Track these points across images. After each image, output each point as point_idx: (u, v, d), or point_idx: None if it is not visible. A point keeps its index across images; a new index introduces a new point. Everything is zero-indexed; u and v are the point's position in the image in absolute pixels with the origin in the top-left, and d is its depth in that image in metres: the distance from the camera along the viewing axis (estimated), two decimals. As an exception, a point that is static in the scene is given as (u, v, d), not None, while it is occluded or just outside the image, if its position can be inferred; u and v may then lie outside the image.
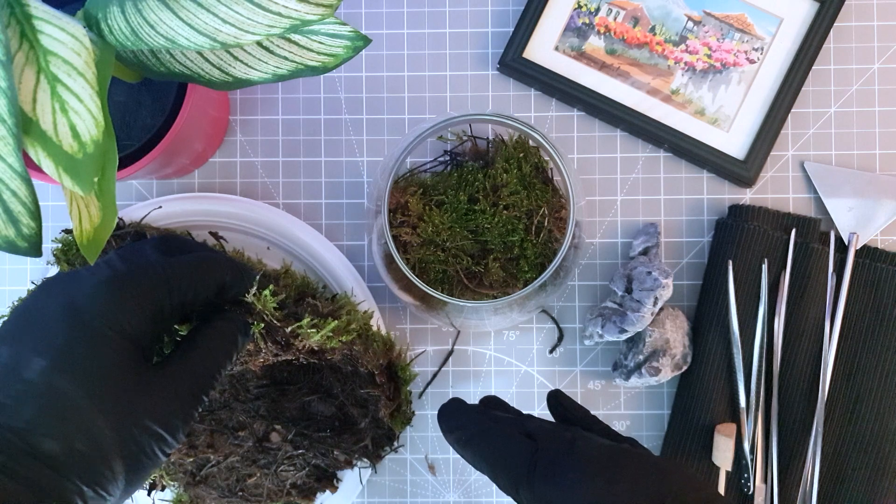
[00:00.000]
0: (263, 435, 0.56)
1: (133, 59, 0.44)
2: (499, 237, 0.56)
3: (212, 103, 0.58)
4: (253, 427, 0.56)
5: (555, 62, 0.60)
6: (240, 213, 0.59)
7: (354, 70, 0.62)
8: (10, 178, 0.37)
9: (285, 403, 0.56)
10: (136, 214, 0.57)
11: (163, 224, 0.58)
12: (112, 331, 0.38)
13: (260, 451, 0.56)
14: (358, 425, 0.56)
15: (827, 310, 0.58)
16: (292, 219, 0.59)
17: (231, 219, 0.60)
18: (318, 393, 0.56)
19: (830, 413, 0.58)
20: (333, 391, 0.56)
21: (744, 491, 0.58)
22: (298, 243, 0.59)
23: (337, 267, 0.59)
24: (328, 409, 0.56)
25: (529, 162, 0.57)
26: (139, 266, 0.41)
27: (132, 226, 0.54)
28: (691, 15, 0.60)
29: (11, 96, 0.36)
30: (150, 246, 0.44)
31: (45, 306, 0.39)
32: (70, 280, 0.40)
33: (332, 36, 0.43)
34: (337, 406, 0.56)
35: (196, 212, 0.59)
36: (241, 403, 0.56)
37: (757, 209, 0.59)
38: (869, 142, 0.61)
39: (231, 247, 0.57)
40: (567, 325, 0.61)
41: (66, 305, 0.39)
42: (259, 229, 0.60)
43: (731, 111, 0.60)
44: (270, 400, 0.56)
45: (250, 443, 0.56)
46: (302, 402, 0.56)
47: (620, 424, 0.61)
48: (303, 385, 0.56)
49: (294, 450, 0.56)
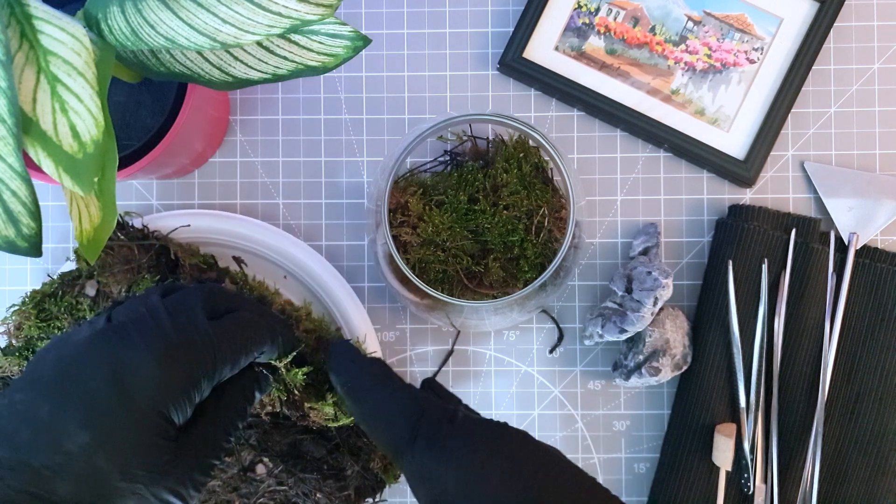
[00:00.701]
0: (249, 464, 0.55)
1: (133, 59, 0.44)
2: (499, 237, 0.56)
3: (212, 103, 0.58)
4: (240, 455, 0.55)
5: (555, 62, 0.60)
6: (262, 240, 0.59)
7: (354, 70, 0.62)
8: (10, 178, 0.37)
9: (277, 437, 0.55)
10: (161, 223, 0.57)
11: (185, 238, 0.57)
12: (155, 411, 0.38)
13: (243, 479, 0.55)
14: (345, 471, 0.55)
15: (827, 310, 0.58)
16: (313, 254, 0.59)
17: (253, 243, 0.59)
18: (312, 433, 0.55)
19: (830, 413, 0.58)
20: (329, 434, 0.55)
21: (744, 491, 0.58)
22: (316, 280, 0.59)
23: (352, 312, 0.58)
24: (319, 450, 0.55)
25: (529, 162, 0.57)
26: (190, 339, 0.40)
27: (158, 237, 0.53)
28: (691, 15, 0.60)
29: (11, 96, 0.36)
30: (199, 306, 0.42)
31: (90, 371, 0.38)
32: (119, 344, 0.39)
33: (332, 36, 0.43)
34: (328, 449, 0.55)
35: (220, 230, 0.58)
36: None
37: (757, 209, 0.59)
38: (869, 142, 0.61)
39: (251, 272, 0.56)
40: (567, 325, 0.61)
41: (114, 378, 0.38)
42: (278, 258, 0.59)
43: (731, 111, 0.60)
44: (263, 431, 0.55)
45: (235, 470, 0.55)
46: (294, 438, 0.55)
47: (620, 424, 0.61)
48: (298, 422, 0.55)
49: (277, 485, 0.55)
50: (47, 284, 0.53)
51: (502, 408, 0.61)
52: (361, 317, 0.58)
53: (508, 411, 0.61)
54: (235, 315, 0.43)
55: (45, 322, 0.52)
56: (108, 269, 0.52)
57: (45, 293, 0.53)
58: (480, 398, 0.61)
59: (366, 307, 0.61)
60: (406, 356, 0.62)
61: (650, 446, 0.61)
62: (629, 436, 0.61)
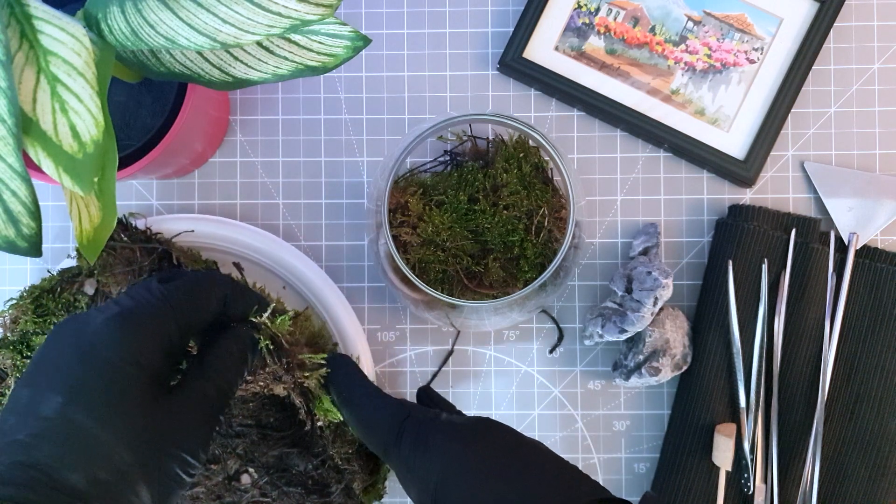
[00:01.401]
0: (234, 473, 0.55)
1: (133, 59, 0.44)
2: (499, 237, 0.56)
3: (212, 103, 0.58)
4: (227, 463, 0.55)
5: (555, 62, 0.60)
6: (263, 249, 0.59)
7: (354, 70, 0.62)
8: (10, 178, 0.37)
9: (264, 448, 0.55)
10: (165, 227, 0.57)
11: (187, 242, 0.57)
12: (124, 362, 0.39)
13: (227, 488, 0.55)
14: (329, 488, 0.55)
15: (827, 310, 0.58)
16: (314, 267, 0.59)
17: (254, 251, 0.59)
18: (300, 447, 0.55)
19: (830, 413, 0.58)
20: (315, 450, 0.55)
21: (744, 491, 0.58)
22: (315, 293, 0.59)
23: (350, 330, 0.58)
24: (305, 465, 0.55)
25: (529, 162, 0.57)
26: (143, 298, 0.41)
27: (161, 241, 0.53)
28: (691, 15, 0.60)
29: (11, 97, 0.36)
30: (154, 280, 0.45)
31: (58, 347, 0.40)
32: (80, 320, 0.40)
33: (332, 36, 0.43)
34: (314, 465, 0.55)
35: (222, 237, 0.59)
36: (221, 437, 0.55)
37: (757, 209, 0.59)
38: (869, 142, 0.61)
39: (251, 280, 0.56)
40: (567, 325, 0.61)
41: (78, 343, 0.39)
42: (278, 268, 0.59)
43: (731, 111, 0.60)
44: (250, 441, 0.55)
45: (220, 478, 0.55)
46: (282, 451, 0.55)
47: (620, 424, 0.61)
48: (287, 435, 0.55)
49: (261, 496, 0.55)
50: (46, 280, 0.53)
51: (502, 408, 0.61)
52: (358, 336, 0.58)
53: (508, 411, 0.61)
54: (186, 272, 0.46)
55: (42, 318, 0.52)
56: (108, 269, 0.52)
57: (44, 289, 0.53)
58: (480, 398, 0.61)
59: (366, 307, 0.61)
60: (406, 356, 0.62)
61: (650, 446, 0.61)
62: (629, 436, 0.61)
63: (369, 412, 0.47)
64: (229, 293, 0.45)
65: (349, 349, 0.58)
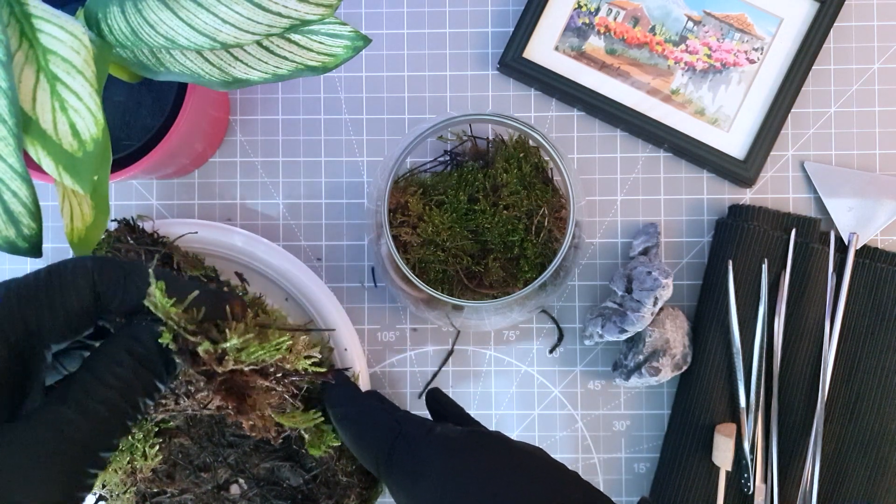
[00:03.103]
0: (224, 483, 0.55)
1: (133, 59, 0.44)
2: (499, 237, 0.56)
3: (212, 103, 0.58)
4: (217, 472, 0.54)
5: (555, 62, 0.60)
6: (266, 259, 0.58)
7: (354, 70, 0.62)
8: (11, 178, 0.37)
9: (256, 459, 0.54)
10: (171, 231, 0.56)
11: (191, 247, 0.57)
12: None
13: (216, 498, 0.55)
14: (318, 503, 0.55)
15: (827, 310, 0.58)
16: (317, 280, 0.58)
17: (256, 261, 0.59)
18: (292, 461, 0.55)
19: (830, 413, 0.58)
20: (308, 465, 0.54)
21: (744, 491, 0.58)
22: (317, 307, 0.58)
23: (350, 346, 0.58)
24: (296, 479, 0.54)
25: (529, 162, 0.57)
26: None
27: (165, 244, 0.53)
28: (691, 15, 0.60)
29: (12, 97, 0.36)
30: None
31: None
32: None
33: (332, 36, 0.43)
34: (305, 480, 0.55)
35: (226, 244, 0.58)
36: (213, 445, 0.54)
37: (757, 209, 0.59)
38: (869, 142, 0.61)
39: (253, 290, 0.56)
40: (567, 325, 0.61)
41: None
42: (281, 279, 0.59)
43: (731, 111, 0.60)
44: (242, 451, 0.54)
45: (209, 486, 0.54)
46: (273, 464, 0.55)
47: (620, 424, 0.61)
48: (280, 448, 0.55)
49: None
50: None
51: (502, 408, 0.61)
52: (357, 353, 0.58)
53: (508, 411, 0.61)
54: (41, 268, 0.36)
55: None
56: None
57: None
58: (480, 398, 0.61)
59: (366, 307, 0.61)
60: (406, 356, 0.62)
61: (650, 446, 0.61)
62: (629, 436, 0.61)
63: (362, 431, 0.47)
64: (97, 277, 0.34)
65: (348, 365, 0.58)
